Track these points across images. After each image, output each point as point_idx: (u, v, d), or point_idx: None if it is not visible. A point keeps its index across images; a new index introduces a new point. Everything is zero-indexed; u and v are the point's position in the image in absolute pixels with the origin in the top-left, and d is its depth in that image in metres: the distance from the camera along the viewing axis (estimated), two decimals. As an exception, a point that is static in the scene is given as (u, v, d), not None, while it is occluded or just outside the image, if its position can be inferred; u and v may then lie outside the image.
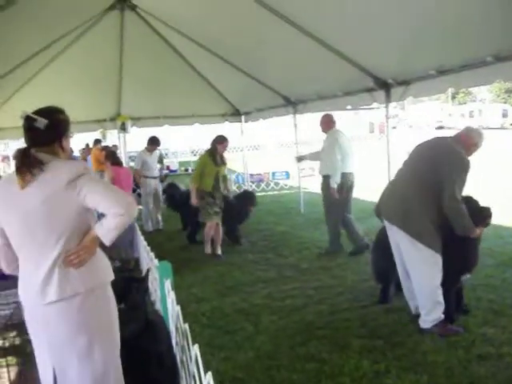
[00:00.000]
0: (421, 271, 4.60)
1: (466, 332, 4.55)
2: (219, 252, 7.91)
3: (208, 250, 7.98)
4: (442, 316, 4.58)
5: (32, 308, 2.61)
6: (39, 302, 2.52)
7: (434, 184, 4.46)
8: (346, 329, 4.81)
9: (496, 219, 6.86)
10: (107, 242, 2.59)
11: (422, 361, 4.06)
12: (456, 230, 4.46)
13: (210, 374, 2.29)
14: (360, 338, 4.58)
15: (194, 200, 7.68)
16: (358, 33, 6.55)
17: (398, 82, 7.29)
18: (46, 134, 2.58)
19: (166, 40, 10.19)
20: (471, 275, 4.92)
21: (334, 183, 7.36)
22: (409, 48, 6.38)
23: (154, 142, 10.30)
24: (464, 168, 4.44)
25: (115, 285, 2.80)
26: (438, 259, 4.53)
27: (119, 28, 9.48)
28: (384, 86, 7.56)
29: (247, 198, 9.03)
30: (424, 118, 53.06)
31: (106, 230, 2.55)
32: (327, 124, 7.77)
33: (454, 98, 61.78)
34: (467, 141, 4.62)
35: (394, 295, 5.46)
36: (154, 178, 10.37)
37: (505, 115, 47.23)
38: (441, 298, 4.57)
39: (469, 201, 4.62)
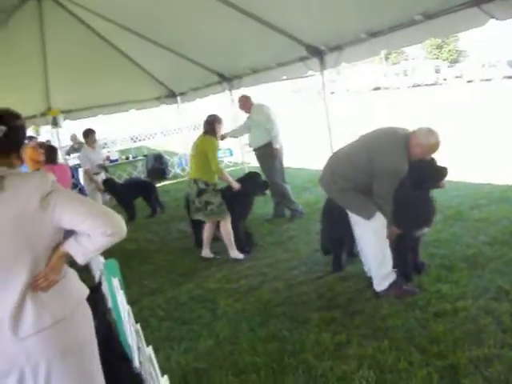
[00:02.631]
0: (361, 235, 4.70)
1: (421, 291, 4.60)
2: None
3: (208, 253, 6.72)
4: (393, 272, 4.61)
5: None
6: (9, 339, 2.15)
7: (366, 173, 4.53)
8: (303, 303, 4.79)
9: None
10: (82, 262, 2.30)
11: (382, 326, 4.07)
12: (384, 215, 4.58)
13: (166, 377, 2.17)
14: (318, 310, 4.56)
15: (236, 185, 6.65)
16: (285, 1, 6.43)
17: (330, 48, 7.23)
18: (3, 143, 2.21)
19: (88, 26, 9.76)
20: (428, 229, 4.98)
21: (277, 144, 7.92)
22: (338, 13, 6.32)
23: (91, 133, 9.37)
24: (396, 176, 4.43)
25: None
26: (374, 219, 4.55)
27: (38, 18, 8.99)
28: (317, 54, 7.48)
29: (254, 183, 7.04)
30: (360, 80, 53.65)
31: (85, 250, 2.27)
32: (247, 104, 8.17)
33: (387, 58, 62.71)
34: (415, 147, 4.47)
35: (346, 262, 5.48)
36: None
37: (437, 71, 48.35)
38: (388, 253, 4.61)
39: (425, 161, 4.62)
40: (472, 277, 4.73)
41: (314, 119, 23.28)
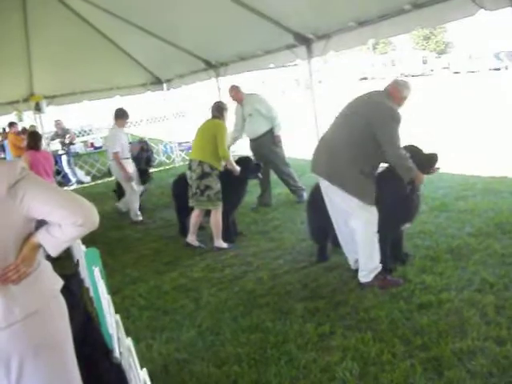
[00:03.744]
0: (355, 223, 4.58)
1: (405, 282, 4.58)
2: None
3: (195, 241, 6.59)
4: (380, 266, 4.59)
5: None
6: None
7: (365, 138, 4.44)
8: (287, 293, 4.75)
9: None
10: (54, 253, 2.22)
11: (366, 317, 4.04)
12: (404, 176, 4.51)
13: (145, 370, 2.11)
14: (302, 300, 4.52)
15: (237, 170, 6.50)
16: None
17: (318, 37, 7.18)
18: None
19: (74, 11, 9.61)
20: (410, 224, 4.98)
21: (279, 130, 8.02)
22: (327, 1, 6.25)
23: (126, 114, 8.32)
24: (396, 120, 4.44)
25: None
26: (370, 209, 4.51)
27: (21, 2, 8.79)
28: (305, 42, 7.43)
29: (247, 167, 6.78)
30: (347, 70, 53.56)
31: (57, 241, 2.18)
32: (239, 94, 8.10)
33: (375, 48, 62.69)
34: (396, 94, 4.61)
35: (331, 252, 5.45)
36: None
37: (425, 62, 48.42)
38: (377, 247, 4.58)
39: (413, 149, 4.67)
40: (456, 268, 4.72)
41: (294, 109, 23.26)
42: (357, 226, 4.57)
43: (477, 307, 3.93)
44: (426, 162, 4.70)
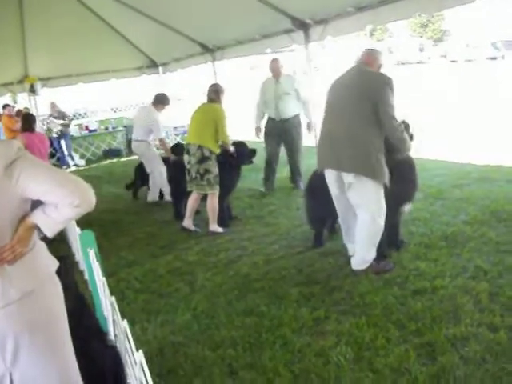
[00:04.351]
0: (363, 215, 4.51)
1: (400, 268, 4.60)
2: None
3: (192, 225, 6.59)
4: (374, 255, 4.60)
5: None
6: None
7: (370, 112, 4.34)
8: (282, 278, 4.75)
9: (421, 153, 7.02)
10: (50, 234, 2.20)
11: (360, 302, 4.06)
12: (400, 148, 4.50)
13: (141, 352, 2.11)
14: (297, 285, 4.53)
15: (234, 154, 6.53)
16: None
17: (316, 22, 7.14)
18: None
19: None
20: (411, 205, 5.01)
21: (312, 117, 7.89)
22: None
23: (166, 101, 8.20)
24: (392, 86, 4.39)
25: None
26: (381, 201, 4.48)
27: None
28: (302, 27, 7.39)
29: (242, 152, 6.76)
30: (344, 56, 53.28)
31: (53, 222, 2.16)
32: (280, 69, 7.75)
33: (372, 35, 62.38)
34: (374, 62, 4.58)
35: (327, 238, 5.46)
36: None
37: (421, 49, 48.35)
38: (377, 241, 4.58)
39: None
40: (451, 255, 4.75)
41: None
42: (364, 218, 4.52)
43: (471, 294, 3.95)
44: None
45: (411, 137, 4.73)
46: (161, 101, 8.10)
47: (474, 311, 3.69)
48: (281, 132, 7.88)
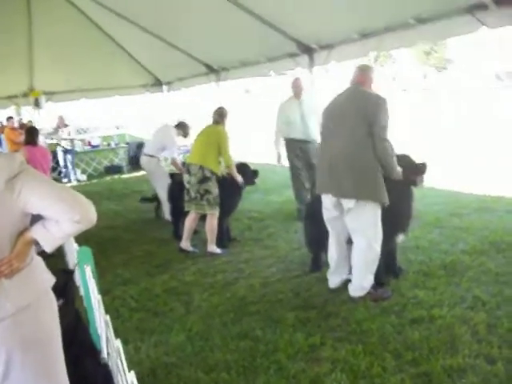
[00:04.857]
0: (360, 241, 4.51)
1: (398, 296, 4.56)
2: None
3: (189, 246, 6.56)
4: (372, 282, 4.57)
5: None
6: None
7: (365, 134, 4.33)
8: (279, 302, 4.71)
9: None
10: (49, 249, 2.18)
11: (357, 329, 4.02)
12: (387, 172, 4.43)
13: (132, 373, 2.08)
14: (293, 310, 4.49)
15: (240, 179, 6.50)
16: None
17: (321, 46, 7.19)
18: None
19: (78, 9, 9.62)
20: (405, 236, 4.98)
21: None
22: (331, 11, 6.29)
23: (186, 130, 8.22)
24: (386, 107, 4.37)
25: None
26: (377, 227, 4.47)
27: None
28: (307, 51, 7.45)
29: (245, 173, 6.72)
30: (346, 80, 53.75)
31: (52, 237, 2.14)
32: (303, 89, 7.47)
33: (375, 60, 62.84)
34: (367, 81, 4.58)
35: (325, 263, 5.43)
36: None
37: (425, 77, 48.73)
38: (375, 268, 4.56)
39: (404, 159, 4.67)
40: (449, 284, 4.72)
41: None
42: (361, 244, 4.51)
43: (468, 324, 3.91)
44: (415, 170, 4.69)
45: (422, 167, 4.70)
46: (182, 127, 8.13)
47: (472, 342, 3.66)
48: (304, 153, 7.50)
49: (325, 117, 4.74)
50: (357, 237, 4.56)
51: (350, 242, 4.74)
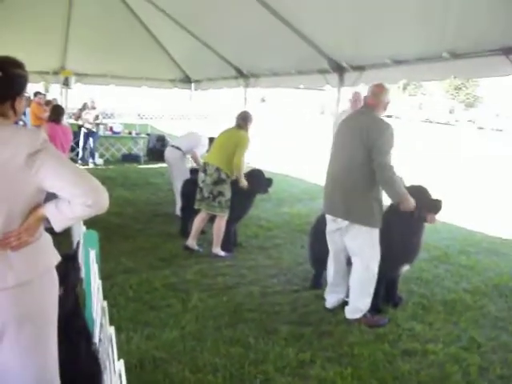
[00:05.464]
0: (358, 262, 4.54)
1: (394, 325, 4.55)
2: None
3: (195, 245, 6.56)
4: (369, 306, 4.57)
5: None
6: None
7: (367, 159, 4.34)
8: (275, 313, 4.72)
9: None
10: (59, 228, 2.20)
11: (348, 352, 4.02)
12: (391, 198, 4.42)
13: (122, 361, 2.11)
14: (288, 323, 4.50)
15: (245, 184, 6.38)
16: (317, 12, 6.40)
17: (352, 67, 7.19)
18: None
19: (119, -5, 9.72)
20: (410, 267, 4.96)
21: None
22: (367, 34, 6.29)
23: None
24: (390, 133, 4.36)
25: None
26: (376, 250, 4.49)
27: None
28: (338, 70, 7.45)
29: (258, 180, 6.69)
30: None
31: (63, 217, 2.16)
32: (359, 102, 7.18)
33: (405, 88, 62.78)
34: (379, 104, 4.54)
35: (326, 281, 5.42)
36: None
37: (451, 111, 48.61)
38: (372, 290, 4.56)
39: (420, 191, 4.65)
40: (447, 322, 4.70)
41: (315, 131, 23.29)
42: (358, 266, 4.55)
43: (461, 365, 3.90)
44: (429, 205, 4.63)
45: (437, 205, 4.67)
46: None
47: (461, 383, 3.64)
48: None
49: (334, 137, 4.82)
50: (354, 257, 4.61)
51: (350, 263, 4.76)
